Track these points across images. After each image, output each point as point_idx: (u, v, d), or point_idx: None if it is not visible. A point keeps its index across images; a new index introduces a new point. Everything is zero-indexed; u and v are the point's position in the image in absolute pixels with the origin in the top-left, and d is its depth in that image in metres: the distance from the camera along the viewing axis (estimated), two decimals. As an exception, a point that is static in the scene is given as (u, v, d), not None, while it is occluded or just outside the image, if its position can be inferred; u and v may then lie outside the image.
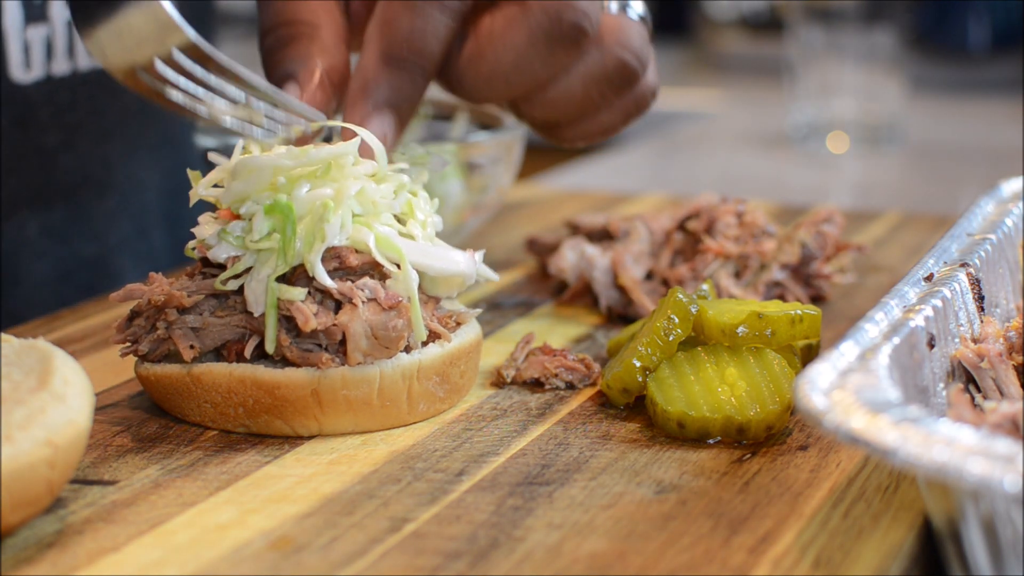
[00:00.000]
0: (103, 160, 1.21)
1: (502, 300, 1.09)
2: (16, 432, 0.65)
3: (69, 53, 1.13)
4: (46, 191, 1.16)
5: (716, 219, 1.08)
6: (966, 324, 0.80)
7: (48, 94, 1.13)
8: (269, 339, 0.80)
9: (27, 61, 1.10)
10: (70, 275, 1.19)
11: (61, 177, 1.17)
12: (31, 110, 1.12)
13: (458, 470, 0.77)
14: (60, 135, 1.15)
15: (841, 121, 2.05)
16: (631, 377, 0.85)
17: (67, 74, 1.14)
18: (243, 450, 0.80)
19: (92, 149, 1.19)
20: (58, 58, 1.12)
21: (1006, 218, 0.92)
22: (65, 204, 1.18)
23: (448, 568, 0.66)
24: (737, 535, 0.69)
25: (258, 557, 0.67)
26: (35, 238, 1.16)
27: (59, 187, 1.17)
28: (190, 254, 0.84)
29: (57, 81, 1.13)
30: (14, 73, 1.09)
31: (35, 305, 1.15)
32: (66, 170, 1.17)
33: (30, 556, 0.67)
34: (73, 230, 1.19)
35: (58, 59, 1.12)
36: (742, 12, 2.89)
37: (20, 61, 1.09)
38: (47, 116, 1.14)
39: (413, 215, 0.85)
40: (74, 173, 1.18)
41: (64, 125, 1.15)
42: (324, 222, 0.80)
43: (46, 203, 1.16)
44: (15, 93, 1.10)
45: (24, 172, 1.13)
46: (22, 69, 1.10)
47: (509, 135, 1.19)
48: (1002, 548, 0.60)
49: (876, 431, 0.58)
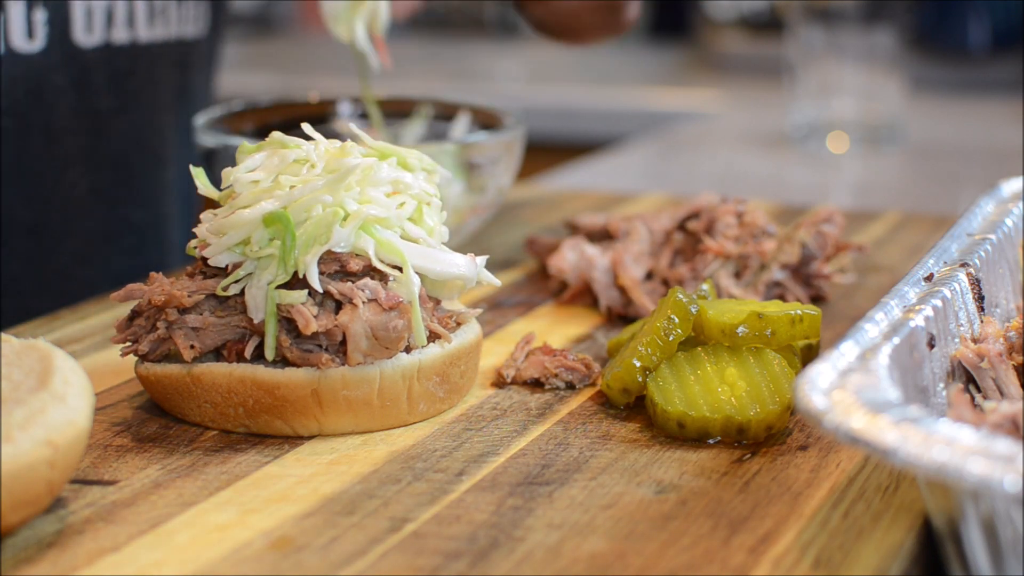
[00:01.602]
0: (158, 131, 1.26)
1: (502, 300, 1.09)
2: (16, 432, 0.65)
3: (129, 23, 1.18)
4: (97, 153, 1.20)
5: (716, 219, 1.08)
6: (966, 324, 0.80)
7: (107, 59, 1.17)
8: (268, 347, 0.80)
9: (89, 26, 1.15)
10: (117, 237, 1.24)
11: (113, 142, 1.21)
12: (89, 73, 1.17)
13: (458, 470, 0.77)
14: (115, 100, 1.20)
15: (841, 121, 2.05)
16: (631, 377, 0.85)
17: (126, 43, 1.18)
18: (243, 450, 0.80)
19: (147, 118, 1.24)
20: (118, 26, 1.17)
21: (1006, 218, 0.92)
22: (115, 169, 1.22)
23: (448, 568, 0.66)
24: (737, 535, 0.69)
25: (258, 557, 0.67)
26: (84, 196, 1.20)
27: (111, 151, 1.21)
28: (191, 252, 0.84)
29: (116, 48, 1.18)
30: (77, 36, 1.14)
31: (83, 263, 1.20)
32: (119, 136, 1.22)
33: (30, 556, 0.67)
34: (122, 194, 1.24)
35: (118, 27, 1.17)
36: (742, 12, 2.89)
37: (83, 25, 1.14)
38: (104, 80, 1.18)
39: (422, 222, 0.85)
40: (127, 139, 1.23)
41: (120, 91, 1.20)
42: (329, 229, 0.80)
43: (97, 165, 1.20)
44: (76, 55, 1.15)
45: (78, 132, 1.18)
46: (84, 33, 1.15)
47: (509, 135, 1.19)
48: (1002, 548, 0.61)
49: (876, 431, 0.58)
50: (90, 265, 1.21)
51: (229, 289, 0.81)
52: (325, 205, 0.80)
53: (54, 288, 1.17)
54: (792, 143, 2.09)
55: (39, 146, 1.15)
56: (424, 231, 0.85)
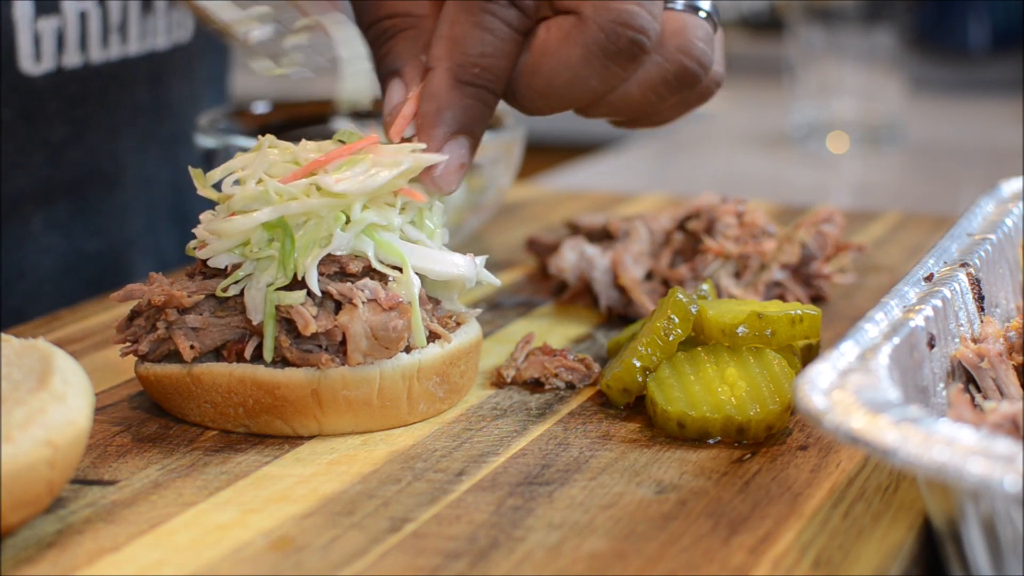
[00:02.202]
0: (112, 155, 1.19)
1: (502, 300, 1.09)
2: (16, 432, 0.65)
3: (81, 46, 1.11)
4: (51, 185, 1.14)
5: (716, 219, 1.08)
6: (966, 324, 0.80)
7: (58, 86, 1.11)
8: (267, 348, 0.80)
9: (37, 53, 1.08)
10: (75, 270, 1.18)
11: (68, 171, 1.15)
12: (40, 102, 1.11)
13: (458, 470, 0.77)
14: (69, 128, 1.14)
15: (841, 121, 2.05)
16: (631, 377, 0.85)
17: (79, 66, 1.12)
18: (243, 450, 0.80)
19: (101, 143, 1.18)
20: (69, 51, 1.11)
21: (1006, 218, 0.92)
22: (71, 199, 1.16)
23: (448, 568, 0.66)
24: (737, 535, 0.69)
25: (258, 557, 0.67)
26: (39, 232, 1.14)
27: (66, 181, 1.15)
28: (191, 253, 0.84)
29: (68, 73, 1.11)
30: (23, 64, 1.08)
31: (38, 300, 1.14)
32: (74, 164, 1.16)
33: (30, 556, 0.67)
34: (79, 225, 1.18)
35: (69, 52, 1.11)
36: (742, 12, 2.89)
37: (30, 53, 1.08)
38: (56, 109, 1.12)
39: (422, 224, 0.85)
40: (82, 167, 1.17)
41: (73, 118, 1.14)
42: (330, 233, 0.80)
43: (51, 198, 1.14)
44: (23, 84, 1.09)
45: (30, 165, 1.12)
46: (32, 61, 1.08)
47: (509, 135, 1.19)
48: (1002, 548, 0.60)
49: (876, 431, 0.58)
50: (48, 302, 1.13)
51: (228, 290, 0.81)
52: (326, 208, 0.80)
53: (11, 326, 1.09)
54: (792, 143, 2.09)
55: None
56: (425, 234, 0.85)
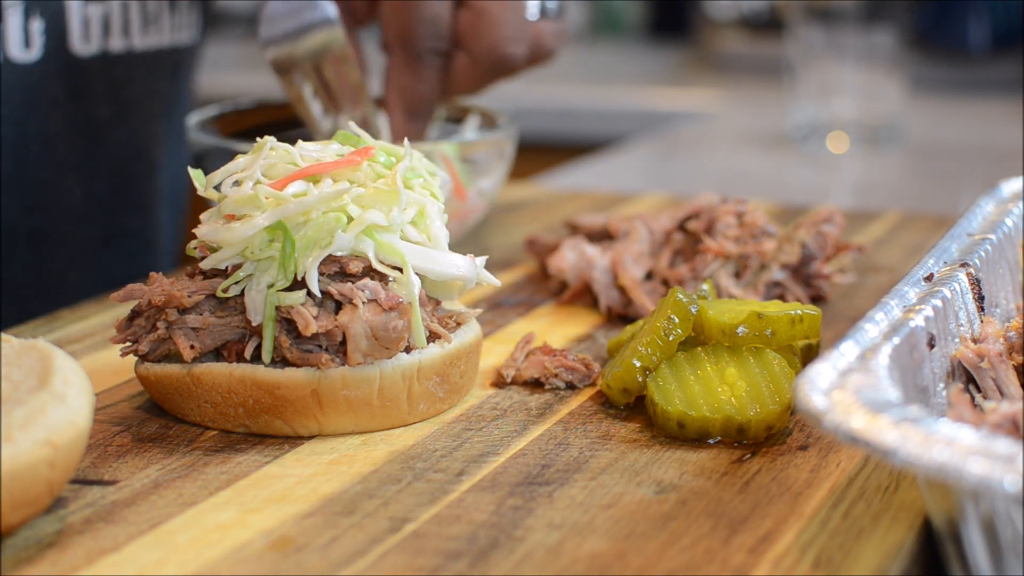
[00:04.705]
0: (152, 138, 1.26)
1: (502, 300, 1.09)
2: (16, 432, 0.65)
3: (124, 32, 1.18)
4: (94, 161, 1.20)
5: (716, 219, 1.08)
6: (966, 324, 0.80)
7: (104, 68, 1.18)
8: (266, 350, 0.80)
9: (86, 34, 1.15)
10: (114, 241, 1.25)
11: (111, 149, 1.22)
12: (87, 81, 1.17)
13: (458, 470, 0.77)
14: (113, 109, 1.20)
15: (841, 121, 2.05)
16: (631, 377, 0.84)
17: (123, 52, 1.18)
18: (243, 450, 0.80)
19: (142, 126, 1.25)
20: (114, 35, 1.17)
21: (1006, 218, 0.92)
22: (111, 176, 1.23)
23: (448, 568, 0.66)
24: (737, 535, 0.69)
25: (258, 557, 0.67)
26: (80, 203, 1.20)
27: (108, 159, 1.22)
28: (191, 253, 0.84)
29: (113, 57, 1.18)
30: (74, 45, 1.14)
31: (79, 267, 1.20)
32: (116, 143, 1.22)
33: (30, 556, 0.67)
34: (119, 202, 1.24)
35: (114, 36, 1.17)
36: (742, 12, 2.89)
37: (80, 34, 1.15)
38: (102, 89, 1.19)
39: (423, 225, 0.85)
40: (125, 147, 1.23)
41: (117, 100, 1.20)
42: (331, 235, 0.80)
43: (93, 173, 1.21)
44: (73, 64, 1.15)
45: (75, 141, 1.18)
46: (82, 41, 1.15)
47: (500, 134, 1.19)
48: (1002, 548, 0.61)
49: (876, 431, 0.58)
50: (88, 270, 1.21)
51: (229, 290, 0.81)
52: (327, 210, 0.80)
53: (52, 292, 1.18)
54: (792, 143, 2.09)
55: (37, 155, 1.15)
56: (425, 235, 0.85)
